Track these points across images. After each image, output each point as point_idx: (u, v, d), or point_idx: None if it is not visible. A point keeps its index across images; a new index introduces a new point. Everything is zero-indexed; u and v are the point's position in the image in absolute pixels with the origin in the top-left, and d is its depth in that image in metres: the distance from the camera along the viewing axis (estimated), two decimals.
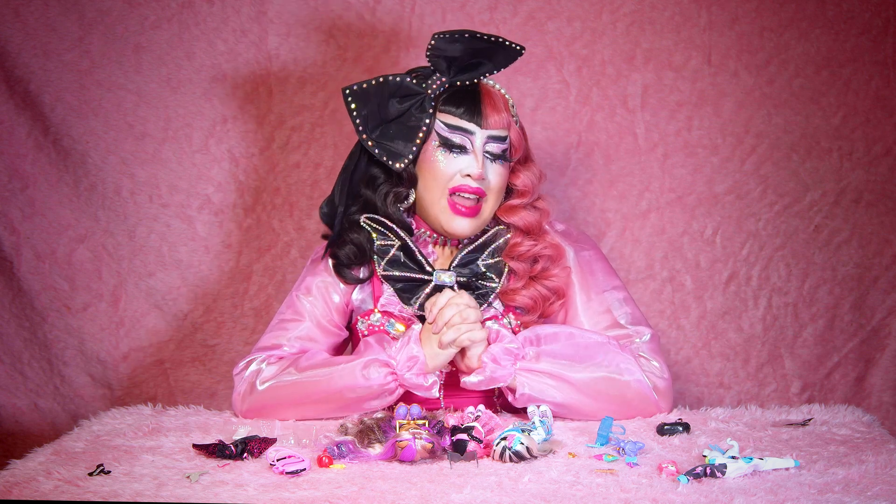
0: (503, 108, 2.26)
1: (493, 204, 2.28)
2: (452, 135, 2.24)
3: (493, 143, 2.24)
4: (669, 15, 2.76)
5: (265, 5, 2.78)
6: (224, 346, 2.85)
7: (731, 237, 2.79)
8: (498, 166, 2.26)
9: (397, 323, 2.27)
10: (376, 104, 2.26)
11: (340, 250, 2.31)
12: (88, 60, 2.79)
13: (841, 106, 2.76)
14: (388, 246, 2.29)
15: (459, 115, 2.24)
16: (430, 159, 2.26)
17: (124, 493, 1.73)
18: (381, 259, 2.28)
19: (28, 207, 2.82)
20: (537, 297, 2.28)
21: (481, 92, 2.26)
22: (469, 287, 2.25)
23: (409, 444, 1.88)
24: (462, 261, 2.27)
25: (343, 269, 2.31)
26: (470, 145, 2.24)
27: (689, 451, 1.96)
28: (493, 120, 2.24)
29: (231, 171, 2.82)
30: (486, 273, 2.27)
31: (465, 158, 2.24)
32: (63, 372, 2.84)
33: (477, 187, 2.24)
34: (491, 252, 2.29)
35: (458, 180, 2.24)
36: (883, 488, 1.72)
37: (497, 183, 2.26)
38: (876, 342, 2.79)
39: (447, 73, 2.25)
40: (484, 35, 2.24)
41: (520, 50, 2.27)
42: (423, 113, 2.25)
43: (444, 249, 2.33)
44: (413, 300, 2.26)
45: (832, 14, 2.75)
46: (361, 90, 2.26)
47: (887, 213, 2.78)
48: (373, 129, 2.27)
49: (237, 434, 2.02)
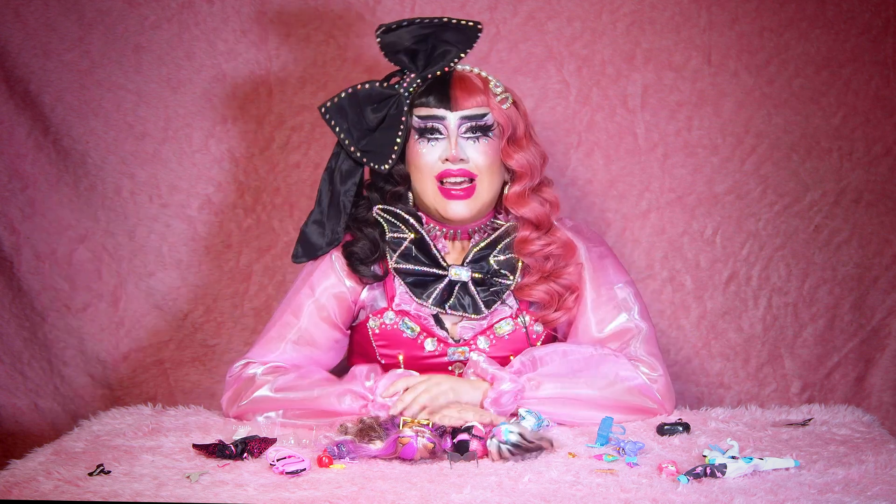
0: (478, 88, 2.25)
1: (489, 183, 2.26)
2: (426, 123, 2.25)
3: (469, 122, 2.24)
4: (669, 15, 2.76)
5: (265, 5, 2.78)
6: (224, 346, 2.84)
7: (731, 237, 2.79)
8: (481, 145, 2.25)
9: (412, 322, 2.27)
10: (353, 115, 2.27)
11: (355, 245, 2.30)
12: (88, 60, 2.79)
13: (841, 106, 2.76)
14: (401, 239, 2.29)
15: (430, 105, 2.24)
16: (413, 153, 2.27)
17: (124, 493, 1.73)
18: (392, 252, 2.28)
19: (28, 207, 2.81)
20: (552, 293, 2.28)
21: (453, 77, 2.26)
22: (483, 283, 2.25)
23: (411, 441, 1.88)
24: (474, 256, 2.28)
25: (359, 266, 2.30)
26: (445, 130, 2.24)
27: (689, 451, 1.96)
28: (463, 101, 2.24)
29: (231, 171, 2.82)
30: (499, 270, 2.27)
31: (442, 144, 2.25)
32: (63, 372, 2.84)
33: (459, 169, 2.24)
34: (503, 248, 2.29)
35: (440, 166, 2.24)
36: (883, 488, 1.72)
37: (483, 161, 2.25)
38: (876, 342, 2.79)
39: (415, 69, 2.26)
40: (426, 19, 2.24)
41: (475, 26, 2.27)
42: (399, 112, 2.26)
43: (454, 244, 2.33)
44: (425, 295, 2.25)
45: (832, 14, 2.75)
46: (335, 105, 2.28)
47: (887, 213, 2.77)
48: (358, 139, 2.28)
49: (237, 434, 2.02)
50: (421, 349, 2.26)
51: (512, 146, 2.28)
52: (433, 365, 2.26)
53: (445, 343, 2.26)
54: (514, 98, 2.31)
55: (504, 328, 2.28)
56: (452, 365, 2.27)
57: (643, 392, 2.18)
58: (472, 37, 2.28)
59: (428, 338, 2.26)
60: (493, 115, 2.25)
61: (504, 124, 2.26)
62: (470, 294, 2.26)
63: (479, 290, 2.27)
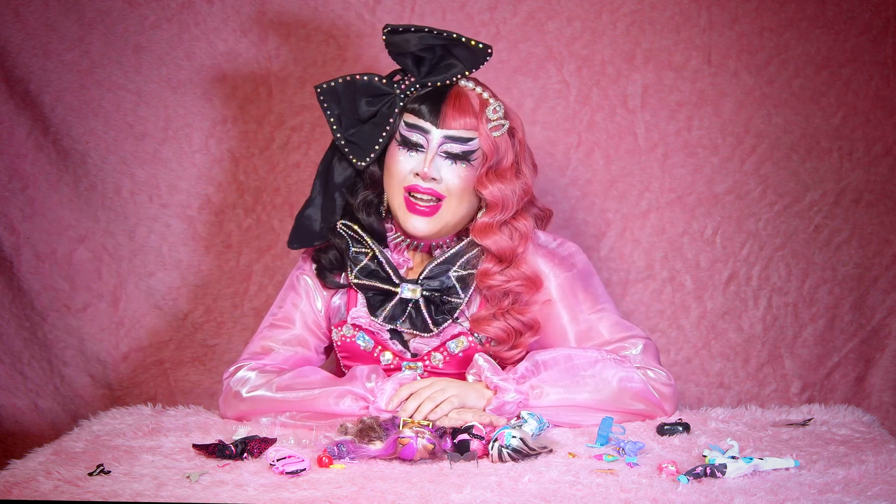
0: (472, 111, 2.20)
1: (456, 207, 2.21)
2: (410, 133, 2.21)
3: (452, 143, 2.19)
4: (669, 15, 2.76)
5: (265, 5, 2.78)
6: (224, 346, 2.85)
7: (731, 237, 2.79)
8: (459, 168, 2.20)
9: (367, 336, 2.26)
10: (347, 103, 2.25)
11: (324, 254, 2.30)
12: (88, 60, 2.79)
13: (841, 106, 2.76)
14: (362, 254, 2.26)
15: (419, 115, 2.21)
16: (390, 157, 2.24)
17: (124, 493, 1.73)
18: (353, 267, 2.26)
19: (28, 207, 2.81)
20: (509, 330, 2.22)
21: (450, 93, 2.22)
22: (432, 302, 2.22)
23: (411, 441, 1.88)
24: (432, 272, 2.23)
25: (325, 273, 2.29)
26: (426, 144, 2.20)
27: (689, 451, 1.96)
28: (452, 120, 2.19)
29: (231, 171, 2.82)
30: (454, 286, 2.23)
31: (420, 157, 2.21)
32: (63, 372, 2.84)
33: (428, 187, 2.19)
34: (463, 264, 2.24)
35: (411, 179, 2.21)
36: (883, 488, 1.72)
37: (456, 185, 2.20)
38: (876, 342, 2.79)
39: (416, 73, 2.23)
40: (436, 30, 2.21)
41: (485, 49, 2.21)
42: (390, 112, 2.23)
43: (415, 254, 2.30)
44: (378, 312, 2.23)
45: (832, 14, 2.75)
46: (331, 88, 2.25)
47: (887, 213, 2.78)
48: (347, 127, 2.26)
49: (237, 434, 2.02)
50: (377, 362, 2.24)
51: (490, 176, 2.21)
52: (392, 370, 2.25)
53: (401, 357, 2.25)
54: (512, 126, 2.25)
55: (459, 345, 2.23)
56: None
57: (646, 395, 2.17)
58: (481, 58, 2.22)
59: (384, 351, 2.25)
60: (479, 140, 2.20)
61: (489, 152, 2.20)
62: (420, 312, 2.24)
63: (432, 308, 2.24)
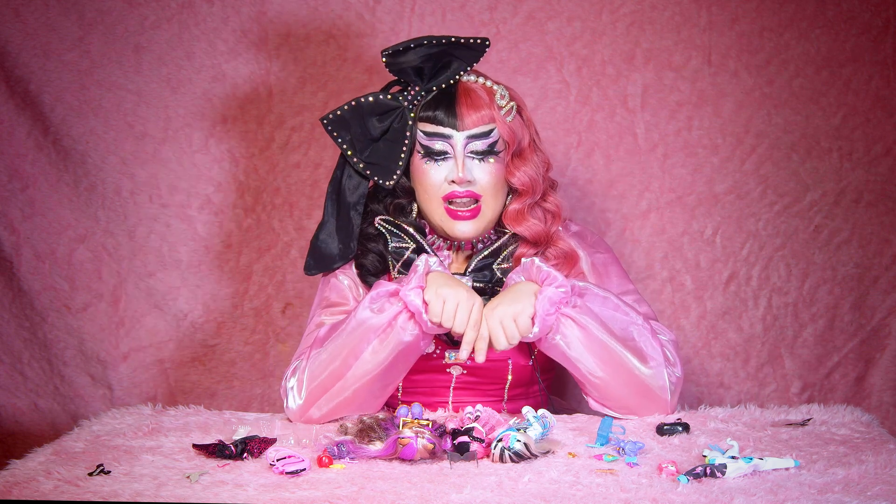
0: (484, 102, 2.22)
1: (493, 202, 2.25)
2: (432, 142, 2.22)
3: (476, 141, 2.21)
4: (669, 15, 2.76)
5: (265, 5, 2.78)
6: (224, 346, 2.85)
7: (731, 237, 2.79)
8: (487, 164, 2.23)
9: None
10: (357, 127, 2.25)
11: (365, 259, 2.30)
12: (88, 60, 2.79)
13: (841, 106, 2.76)
14: (403, 248, 2.28)
15: (436, 121, 2.22)
16: (418, 171, 2.25)
17: (124, 493, 1.73)
18: (395, 262, 2.28)
19: (28, 207, 2.82)
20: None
21: (458, 91, 2.23)
22: (484, 293, 2.24)
23: (411, 441, 1.88)
24: (477, 265, 2.26)
25: (369, 278, 2.29)
26: (451, 150, 2.22)
27: (689, 451, 1.96)
28: (470, 119, 2.21)
29: (231, 171, 2.82)
30: (502, 278, 2.26)
31: (448, 164, 2.22)
32: (63, 372, 2.84)
33: (466, 191, 2.22)
34: (506, 256, 2.27)
35: (447, 188, 2.23)
36: (883, 488, 1.72)
37: (489, 181, 2.23)
38: (876, 342, 2.79)
39: (420, 82, 2.23)
40: (434, 39, 2.21)
41: (482, 43, 2.23)
42: (403, 126, 2.24)
43: (458, 254, 2.32)
44: None
45: (832, 14, 2.75)
46: (337, 117, 2.25)
47: (887, 213, 2.78)
48: (361, 150, 2.26)
49: (237, 434, 2.02)
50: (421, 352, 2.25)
51: (517, 161, 2.25)
52: (431, 366, 2.26)
53: (444, 346, 2.26)
54: (518, 105, 2.28)
55: None
56: (450, 367, 2.27)
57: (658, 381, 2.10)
58: (480, 52, 2.24)
59: None
60: (498, 130, 2.22)
61: (510, 140, 2.24)
62: None
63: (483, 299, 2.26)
